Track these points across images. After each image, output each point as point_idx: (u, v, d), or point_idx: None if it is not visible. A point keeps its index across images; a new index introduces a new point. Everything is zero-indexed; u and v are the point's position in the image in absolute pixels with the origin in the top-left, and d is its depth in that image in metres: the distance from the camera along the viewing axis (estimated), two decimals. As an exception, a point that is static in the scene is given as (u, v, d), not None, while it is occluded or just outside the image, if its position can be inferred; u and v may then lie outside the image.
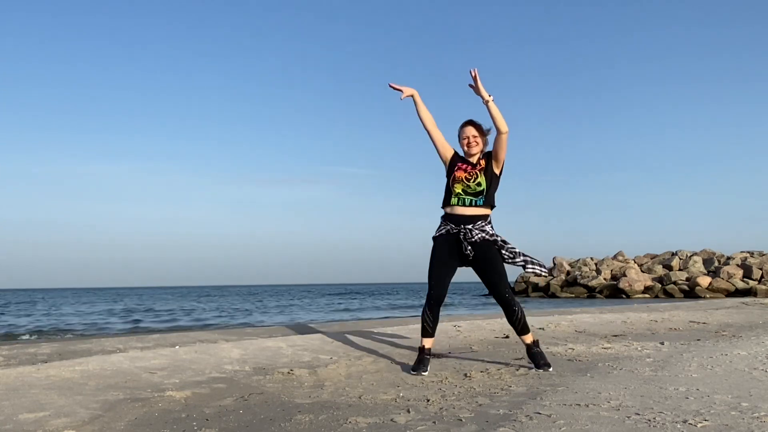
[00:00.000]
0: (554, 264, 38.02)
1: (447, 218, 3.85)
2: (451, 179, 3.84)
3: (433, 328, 3.83)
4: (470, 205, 3.77)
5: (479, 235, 3.72)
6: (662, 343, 5.13)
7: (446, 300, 3.97)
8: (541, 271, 3.87)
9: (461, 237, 3.74)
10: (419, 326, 3.95)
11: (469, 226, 3.73)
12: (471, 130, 3.83)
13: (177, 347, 4.53)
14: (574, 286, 34.51)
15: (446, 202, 3.87)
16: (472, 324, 6.49)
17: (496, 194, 3.85)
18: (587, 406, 2.65)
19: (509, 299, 3.73)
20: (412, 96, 3.91)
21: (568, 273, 36.37)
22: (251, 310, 21.09)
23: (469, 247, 3.72)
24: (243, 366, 3.92)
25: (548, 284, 35.85)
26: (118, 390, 3.14)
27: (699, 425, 2.28)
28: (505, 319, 4.26)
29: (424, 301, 3.88)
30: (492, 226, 3.83)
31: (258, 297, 39.46)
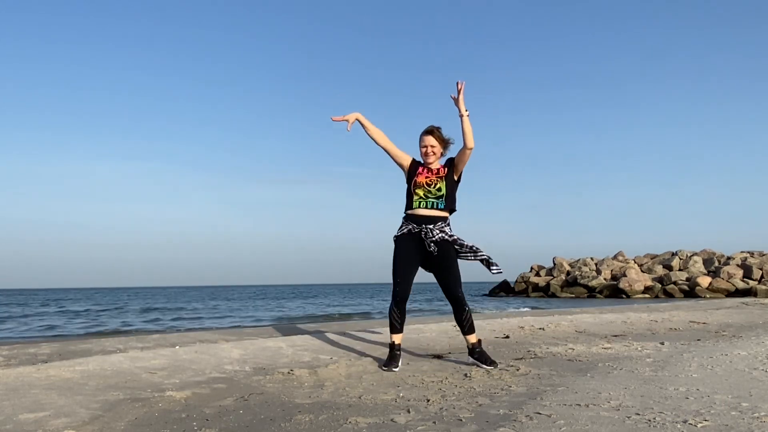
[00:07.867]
0: (554, 264, 38.03)
1: (409, 218, 3.95)
2: (412, 184, 3.95)
3: (401, 324, 4.00)
4: (432, 207, 3.89)
5: (439, 235, 3.85)
6: (662, 343, 5.14)
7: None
8: (498, 270, 3.92)
9: (422, 236, 3.85)
10: (419, 326, 3.97)
11: (430, 226, 3.85)
12: (430, 140, 3.94)
13: (177, 347, 4.53)
14: (574, 286, 34.52)
15: (408, 206, 3.96)
16: (472, 324, 6.48)
17: (456, 197, 3.97)
18: (587, 406, 2.65)
19: (462, 299, 3.87)
20: (357, 119, 3.97)
21: (568, 273, 36.37)
22: (260, 309, 21.15)
23: (433, 245, 3.82)
24: (243, 366, 3.92)
25: (548, 284, 35.87)
26: (118, 390, 3.14)
27: (699, 425, 2.28)
28: (506, 319, 4.27)
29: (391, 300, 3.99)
30: (450, 228, 3.95)
31: (258, 297, 39.44)
